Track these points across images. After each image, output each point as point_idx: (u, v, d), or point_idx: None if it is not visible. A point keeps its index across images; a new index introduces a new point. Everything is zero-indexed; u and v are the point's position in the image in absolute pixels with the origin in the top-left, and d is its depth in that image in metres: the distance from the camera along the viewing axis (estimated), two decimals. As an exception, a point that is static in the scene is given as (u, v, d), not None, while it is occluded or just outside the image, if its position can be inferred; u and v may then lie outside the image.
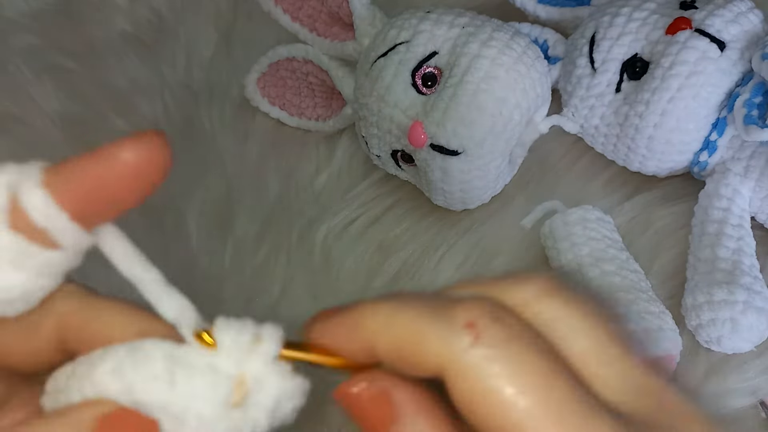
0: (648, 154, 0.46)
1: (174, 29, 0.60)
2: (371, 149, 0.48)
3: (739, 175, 0.44)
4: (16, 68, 0.58)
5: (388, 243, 0.49)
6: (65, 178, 0.19)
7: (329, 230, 0.49)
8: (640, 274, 0.43)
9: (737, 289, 0.40)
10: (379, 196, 0.50)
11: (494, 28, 0.44)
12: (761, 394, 0.41)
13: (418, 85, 0.44)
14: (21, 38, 0.60)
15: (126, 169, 0.19)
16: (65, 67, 0.58)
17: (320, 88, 0.53)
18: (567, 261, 0.43)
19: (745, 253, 0.42)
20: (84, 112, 0.56)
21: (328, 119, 0.52)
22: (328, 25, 0.50)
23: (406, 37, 0.45)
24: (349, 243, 0.49)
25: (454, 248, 0.48)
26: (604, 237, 0.44)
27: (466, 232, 0.48)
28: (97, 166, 0.19)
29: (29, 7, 0.61)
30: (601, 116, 0.47)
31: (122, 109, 0.56)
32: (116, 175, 0.19)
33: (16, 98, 0.56)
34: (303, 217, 0.50)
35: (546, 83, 0.46)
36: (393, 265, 0.48)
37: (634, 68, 0.46)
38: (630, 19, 0.46)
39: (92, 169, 0.19)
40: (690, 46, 0.43)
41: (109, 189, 0.19)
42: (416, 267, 0.47)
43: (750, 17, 0.45)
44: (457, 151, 0.43)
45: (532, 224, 0.47)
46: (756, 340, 0.41)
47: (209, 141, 0.54)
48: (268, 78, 0.54)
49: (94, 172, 0.19)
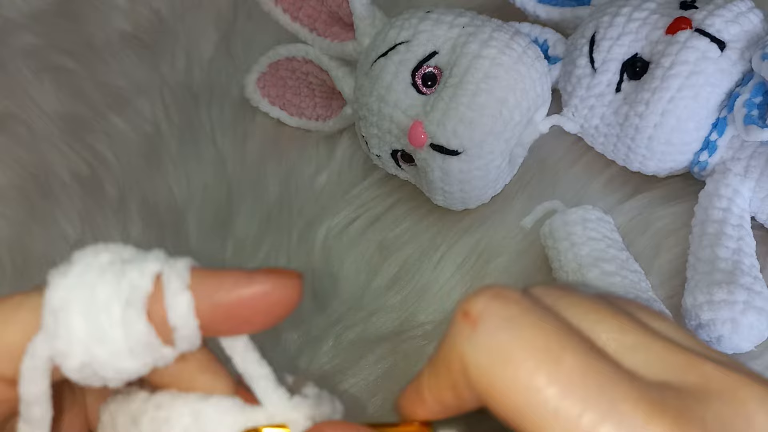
0: (648, 154, 0.46)
1: (174, 29, 0.60)
2: (371, 149, 0.48)
3: (739, 175, 0.44)
4: (16, 68, 0.58)
5: (388, 243, 0.49)
6: (211, 289, 0.20)
7: (329, 230, 0.49)
8: (640, 274, 0.43)
9: (737, 289, 0.40)
10: (379, 196, 0.50)
11: (494, 28, 0.44)
12: (761, 394, 0.41)
13: (418, 85, 0.44)
14: (21, 38, 0.60)
15: (265, 301, 0.20)
16: (65, 67, 0.58)
17: (320, 88, 0.53)
18: (567, 261, 0.43)
19: (745, 253, 0.42)
20: (84, 112, 0.56)
21: (328, 119, 0.52)
22: (328, 25, 0.50)
23: (406, 36, 0.45)
24: (349, 243, 0.49)
25: (454, 248, 0.48)
26: (604, 237, 0.44)
27: (466, 232, 0.48)
28: (241, 288, 0.20)
29: (29, 7, 0.61)
30: (601, 116, 0.47)
31: (122, 109, 0.56)
32: (255, 303, 0.20)
33: (16, 98, 0.56)
34: (303, 217, 0.50)
35: (546, 83, 0.46)
36: (393, 265, 0.48)
37: (634, 68, 0.46)
38: (630, 19, 0.46)
39: (237, 289, 0.20)
40: (690, 46, 0.43)
41: (243, 313, 0.20)
42: (416, 267, 0.47)
43: (750, 17, 0.45)
44: (457, 151, 0.43)
45: (532, 224, 0.47)
46: (756, 340, 0.41)
47: (209, 141, 0.54)
48: (268, 78, 0.54)
49: (238, 293, 0.20)
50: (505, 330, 0.18)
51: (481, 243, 0.48)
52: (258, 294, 0.20)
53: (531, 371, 0.17)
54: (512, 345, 0.18)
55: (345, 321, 0.46)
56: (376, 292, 0.47)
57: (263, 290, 0.20)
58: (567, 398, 0.17)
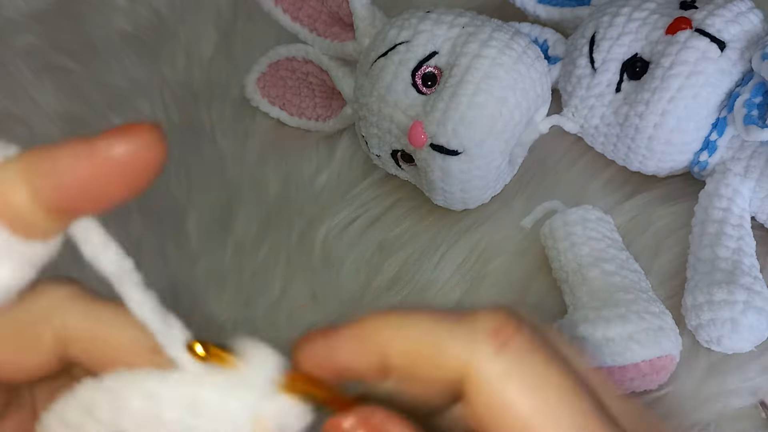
0: (648, 154, 0.46)
1: (174, 29, 0.60)
2: (371, 149, 0.48)
3: (739, 175, 0.44)
4: (16, 68, 0.58)
5: (388, 243, 0.49)
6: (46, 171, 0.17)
7: (329, 230, 0.49)
8: (640, 274, 0.43)
9: (737, 289, 0.40)
10: (379, 196, 0.50)
11: (494, 28, 0.44)
12: (761, 394, 0.41)
13: (418, 85, 0.44)
14: (21, 38, 0.60)
15: (116, 167, 0.17)
16: (65, 67, 0.58)
17: (320, 88, 0.53)
18: (567, 261, 0.43)
19: (745, 253, 0.42)
20: (84, 112, 0.56)
21: (328, 119, 0.52)
22: (328, 25, 0.50)
23: (406, 37, 0.45)
24: (349, 243, 0.49)
25: (454, 248, 0.48)
26: (604, 237, 0.44)
27: (466, 232, 0.48)
28: (83, 162, 0.17)
29: (29, 7, 0.61)
30: (601, 116, 0.47)
31: (122, 109, 0.56)
32: (105, 172, 0.18)
33: (16, 98, 0.56)
34: (303, 217, 0.50)
35: (546, 83, 0.46)
36: (393, 265, 0.48)
37: (634, 68, 0.46)
38: (630, 19, 0.46)
39: (78, 164, 0.17)
40: (690, 46, 0.43)
41: (95, 186, 0.18)
42: (416, 267, 0.47)
43: (750, 17, 0.45)
44: (457, 151, 0.43)
45: (532, 224, 0.47)
46: (756, 340, 0.41)
47: (209, 141, 0.54)
48: (268, 78, 0.54)
49: (81, 168, 0.17)
50: (522, 375, 0.17)
51: (481, 243, 0.48)
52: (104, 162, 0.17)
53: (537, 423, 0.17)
54: (523, 395, 0.17)
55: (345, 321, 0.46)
56: (376, 292, 0.47)
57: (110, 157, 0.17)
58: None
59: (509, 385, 0.17)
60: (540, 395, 0.17)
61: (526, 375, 0.17)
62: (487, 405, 0.17)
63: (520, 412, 0.17)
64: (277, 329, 0.46)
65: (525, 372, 0.17)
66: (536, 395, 0.17)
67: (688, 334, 0.42)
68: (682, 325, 0.42)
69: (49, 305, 0.19)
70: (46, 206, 0.18)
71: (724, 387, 0.41)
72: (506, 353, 0.17)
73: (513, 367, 0.17)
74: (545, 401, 0.17)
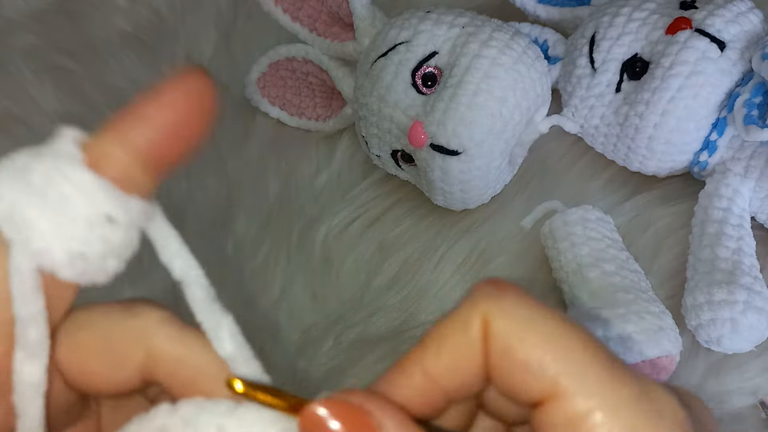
0: (648, 154, 0.46)
1: (174, 29, 0.60)
2: (371, 149, 0.48)
3: (739, 175, 0.44)
4: (16, 68, 0.58)
5: (388, 243, 0.49)
6: (135, 125, 0.19)
7: (329, 230, 0.49)
8: (640, 274, 0.43)
9: (737, 289, 0.40)
10: (379, 196, 0.51)
11: (494, 28, 0.44)
12: (761, 394, 0.41)
13: (418, 85, 0.44)
14: (21, 38, 0.60)
15: (193, 105, 0.19)
16: (65, 67, 0.58)
17: (320, 88, 0.53)
18: (567, 261, 0.43)
19: (745, 253, 0.42)
20: (84, 112, 0.56)
21: (328, 119, 0.52)
22: (328, 25, 0.50)
23: (406, 37, 0.45)
24: (349, 243, 0.49)
25: (454, 248, 0.48)
26: (604, 237, 0.44)
27: (466, 232, 0.48)
28: (165, 107, 0.19)
29: (29, 7, 0.61)
30: (601, 116, 0.47)
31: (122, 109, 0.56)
32: (185, 112, 0.19)
33: (16, 98, 0.56)
34: (303, 217, 0.50)
35: (546, 83, 0.46)
36: (393, 265, 0.48)
37: (634, 68, 0.46)
38: (630, 19, 0.46)
39: (160, 111, 0.19)
40: (690, 46, 0.43)
41: (180, 127, 0.19)
42: (416, 267, 0.47)
43: (750, 17, 0.45)
44: (457, 151, 0.43)
45: (532, 224, 0.47)
46: (756, 340, 0.41)
47: (209, 141, 0.54)
48: (268, 78, 0.54)
49: (163, 113, 0.19)
50: (530, 301, 0.19)
51: (481, 243, 0.48)
52: (181, 106, 0.19)
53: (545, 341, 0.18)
54: (535, 312, 0.19)
55: (345, 321, 0.46)
56: (376, 292, 0.47)
57: (184, 98, 0.19)
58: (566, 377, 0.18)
59: (518, 316, 0.19)
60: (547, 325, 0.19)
61: (530, 309, 0.19)
62: (502, 343, 0.19)
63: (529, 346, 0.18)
64: (277, 329, 0.46)
65: (529, 306, 0.19)
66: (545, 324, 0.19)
67: (688, 334, 0.42)
68: (682, 325, 0.42)
69: (144, 325, 0.20)
70: (144, 158, 0.19)
71: (724, 387, 0.41)
72: (508, 295, 0.19)
73: (517, 301, 0.19)
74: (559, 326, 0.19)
